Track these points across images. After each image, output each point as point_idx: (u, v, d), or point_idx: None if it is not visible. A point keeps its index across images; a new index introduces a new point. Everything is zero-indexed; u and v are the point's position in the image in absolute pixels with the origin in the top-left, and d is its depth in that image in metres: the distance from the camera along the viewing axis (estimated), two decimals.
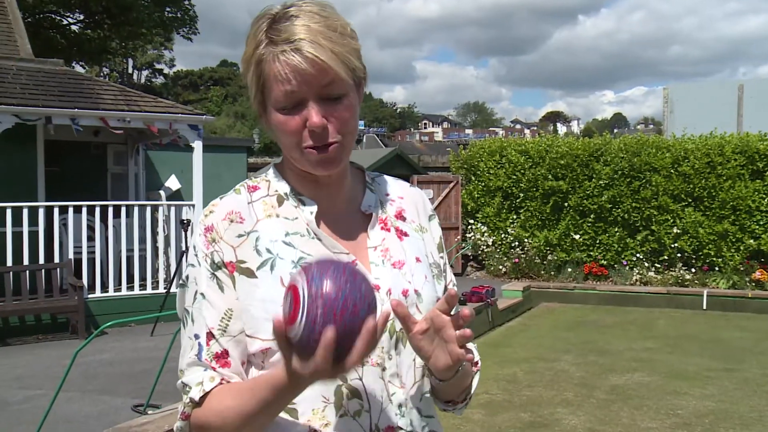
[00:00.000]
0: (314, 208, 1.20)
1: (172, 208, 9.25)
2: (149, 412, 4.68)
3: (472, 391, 1.26)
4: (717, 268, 11.31)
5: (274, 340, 1.05)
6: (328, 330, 0.89)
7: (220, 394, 1.12)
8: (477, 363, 1.28)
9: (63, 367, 4.60)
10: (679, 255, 11.59)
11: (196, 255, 1.18)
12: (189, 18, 25.14)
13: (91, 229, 8.79)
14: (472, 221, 13.31)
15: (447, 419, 5.27)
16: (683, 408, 5.46)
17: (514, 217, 12.94)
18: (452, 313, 1.07)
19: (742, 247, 11.21)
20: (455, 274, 8.29)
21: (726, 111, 14.11)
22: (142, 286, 8.94)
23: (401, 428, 1.13)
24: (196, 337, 1.15)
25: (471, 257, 13.47)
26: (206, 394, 1.11)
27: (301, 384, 0.99)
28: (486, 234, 12.99)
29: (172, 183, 10.66)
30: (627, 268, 11.76)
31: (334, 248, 1.17)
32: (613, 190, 12.02)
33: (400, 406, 1.14)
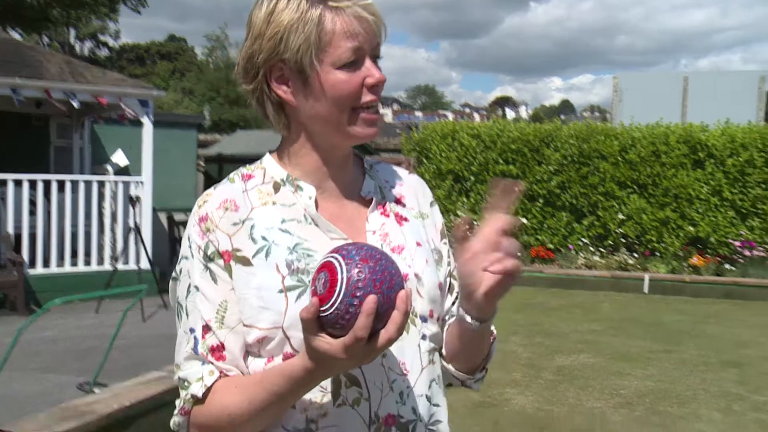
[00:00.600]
0: (312, 192, 1.18)
1: (120, 184, 9.04)
2: (96, 390, 4.60)
3: (490, 361, 1.26)
4: (658, 254, 11.64)
5: (271, 328, 1.08)
6: (370, 297, 0.89)
7: (224, 389, 1.09)
8: (493, 332, 1.26)
9: (1, 345, 4.48)
10: (623, 240, 11.88)
11: (190, 247, 1.15)
12: None
13: (33, 204, 8.53)
14: None
15: None
16: (626, 388, 5.63)
17: (465, 200, 13.05)
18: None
19: (681, 234, 11.55)
20: None
21: (672, 101, 14.46)
22: (87, 263, 8.73)
23: (402, 417, 1.10)
24: (191, 330, 1.12)
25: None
26: (208, 389, 1.09)
27: (321, 371, 0.98)
28: None
29: (120, 158, 10.42)
30: (573, 252, 12.01)
31: (331, 232, 1.16)
32: (562, 176, 12.22)
33: (401, 393, 1.11)
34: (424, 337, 1.16)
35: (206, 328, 1.11)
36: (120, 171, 10.47)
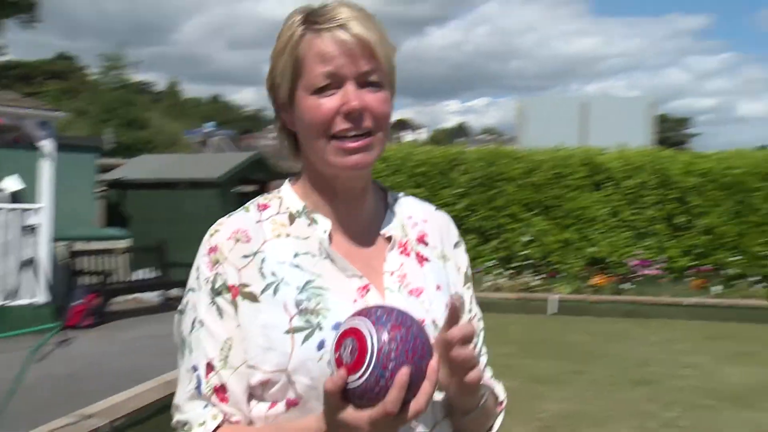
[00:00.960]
0: (328, 226, 1.12)
1: (14, 212, 8.49)
2: None
3: (496, 428, 1.21)
4: (562, 274, 12.00)
5: (276, 371, 1.02)
6: (403, 370, 0.85)
7: None
8: (502, 403, 1.23)
9: None
10: (528, 262, 12.19)
11: (198, 278, 1.10)
12: (28, 4, 23.38)
13: None
14: None
15: None
16: (545, 411, 5.71)
17: None
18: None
19: (583, 254, 11.97)
20: None
21: (570, 125, 15.06)
22: None
23: None
24: (194, 369, 1.07)
25: None
26: None
27: None
28: None
29: (12, 184, 9.79)
30: (482, 274, 12.21)
31: (346, 270, 1.10)
32: (469, 198, 12.45)
33: None
34: (440, 388, 1.10)
35: (209, 367, 1.06)
36: (12, 197, 9.85)
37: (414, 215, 1.24)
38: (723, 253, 11.43)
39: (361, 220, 1.16)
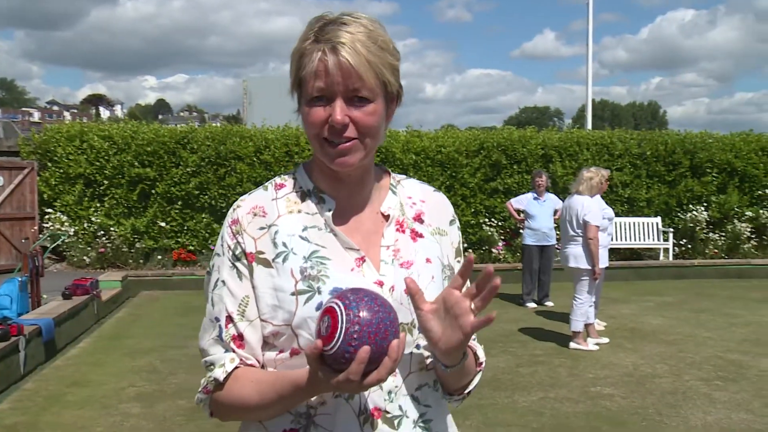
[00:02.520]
0: (332, 206, 1.31)
1: None
2: None
3: (471, 388, 1.38)
4: None
5: (283, 325, 1.24)
6: (363, 349, 1.03)
7: (242, 381, 1.24)
8: (481, 363, 1.40)
9: None
10: None
11: (222, 245, 1.31)
12: None
13: None
14: (50, 210, 12.24)
15: (104, 417, 4.94)
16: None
17: (98, 205, 12.33)
18: (464, 288, 1.16)
19: None
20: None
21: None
22: None
23: (388, 412, 1.23)
24: (216, 320, 1.27)
25: (48, 249, 12.39)
26: (228, 375, 1.24)
27: (320, 389, 1.14)
28: (67, 224, 12.10)
29: None
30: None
31: (346, 244, 1.27)
32: (200, 177, 12.34)
33: (389, 392, 1.24)
34: (418, 346, 1.28)
35: (229, 319, 1.26)
36: None
37: (414, 196, 1.41)
38: None
39: (362, 201, 1.33)
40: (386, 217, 1.34)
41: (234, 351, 1.25)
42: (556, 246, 9.02)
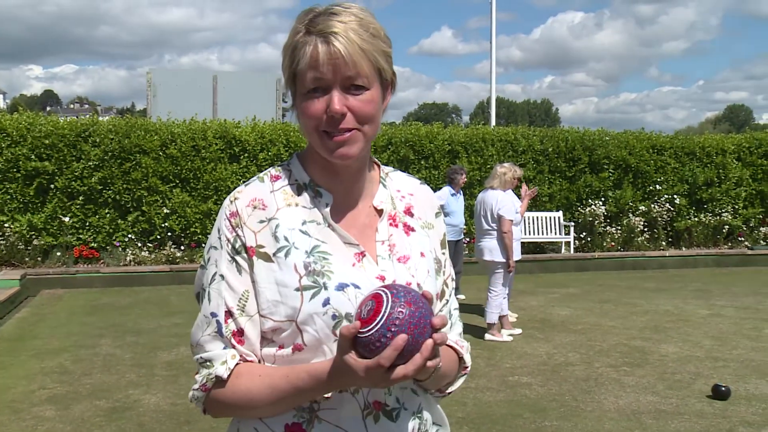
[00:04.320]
0: (329, 200, 1.29)
1: None
2: None
3: (453, 388, 1.41)
4: (203, 245, 12.21)
5: (285, 321, 1.23)
6: (401, 336, 1.04)
7: (247, 376, 1.21)
8: (466, 367, 1.41)
9: None
10: (169, 234, 12.14)
11: (219, 238, 1.27)
12: None
13: None
14: None
15: (16, 423, 4.74)
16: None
17: None
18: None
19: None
20: None
21: (204, 97, 15.19)
22: None
23: (387, 405, 1.25)
24: (213, 315, 1.24)
25: None
26: (231, 372, 1.20)
27: (343, 381, 1.13)
28: None
29: None
30: (120, 249, 11.79)
31: (345, 239, 1.27)
32: (103, 171, 11.85)
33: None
34: None
35: (228, 314, 1.23)
36: None
37: (402, 189, 1.41)
38: None
39: (357, 194, 1.32)
40: (379, 212, 1.34)
41: (234, 347, 1.22)
42: (465, 240, 9.22)
